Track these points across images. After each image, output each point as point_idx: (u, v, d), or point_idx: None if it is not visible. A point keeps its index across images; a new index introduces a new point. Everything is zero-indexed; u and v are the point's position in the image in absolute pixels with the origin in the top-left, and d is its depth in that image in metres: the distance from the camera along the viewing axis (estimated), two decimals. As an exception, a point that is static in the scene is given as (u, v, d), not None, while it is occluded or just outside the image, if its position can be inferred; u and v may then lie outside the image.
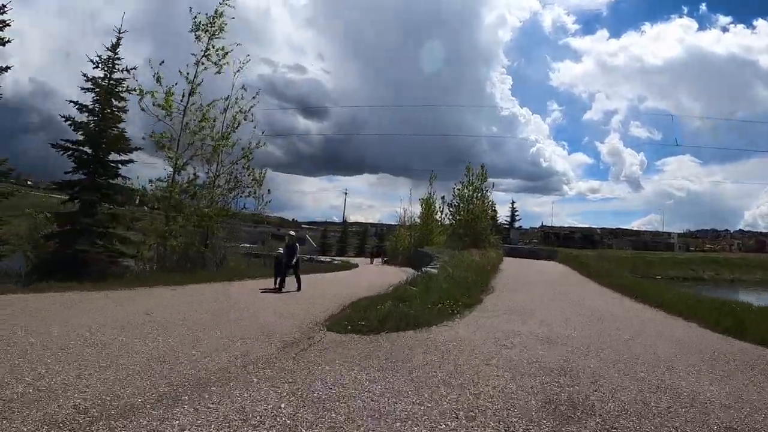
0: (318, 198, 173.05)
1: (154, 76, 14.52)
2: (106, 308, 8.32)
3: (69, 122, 13.25)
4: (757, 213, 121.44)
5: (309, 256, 46.78)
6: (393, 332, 6.94)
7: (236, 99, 16.51)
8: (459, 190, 37.03)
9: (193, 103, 15.42)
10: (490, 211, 35.38)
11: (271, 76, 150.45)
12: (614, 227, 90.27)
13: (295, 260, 13.21)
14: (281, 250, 13.51)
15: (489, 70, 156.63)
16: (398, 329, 7.07)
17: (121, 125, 13.87)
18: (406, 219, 44.52)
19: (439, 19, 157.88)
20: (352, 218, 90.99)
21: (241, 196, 17.34)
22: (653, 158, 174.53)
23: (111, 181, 14.05)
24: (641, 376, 5.31)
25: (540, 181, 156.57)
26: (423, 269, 17.20)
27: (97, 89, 13.51)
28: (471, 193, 35.78)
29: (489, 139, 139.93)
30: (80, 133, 13.31)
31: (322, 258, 44.91)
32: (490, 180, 37.14)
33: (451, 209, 38.40)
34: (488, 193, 35.89)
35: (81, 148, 13.53)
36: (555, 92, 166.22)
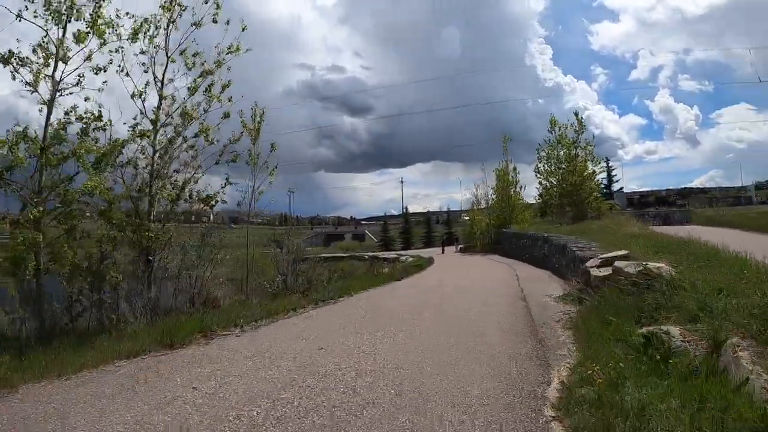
0: (373, 193, 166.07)
1: None
2: None
3: None
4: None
5: (369, 254, 38.40)
6: None
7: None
8: (548, 150, 27.24)
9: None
10: (596, 170, 25.14)
11: (311, 80, 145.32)
12: (678, 187, 79.52)
13: None
14: None
15: (527, 42, 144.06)
16: None
17: None
18: (479, 196, 35.05)
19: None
20: (410, 209, 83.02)
21: (218, 161, 9.16)
22: (707, 111, 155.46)
23: None
24: None
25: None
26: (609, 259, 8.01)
27: None
28: (567, 150, 25.87)
29: (536, 112, 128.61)
30: None
31: (385, 255, 36.41)
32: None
33: (540, 176, 28.67)
34: (590, 148, 25.70)
35: None
36: (597, 56, 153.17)
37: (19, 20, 7.47)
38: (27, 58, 7.42)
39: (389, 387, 4.26)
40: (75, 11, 7.61)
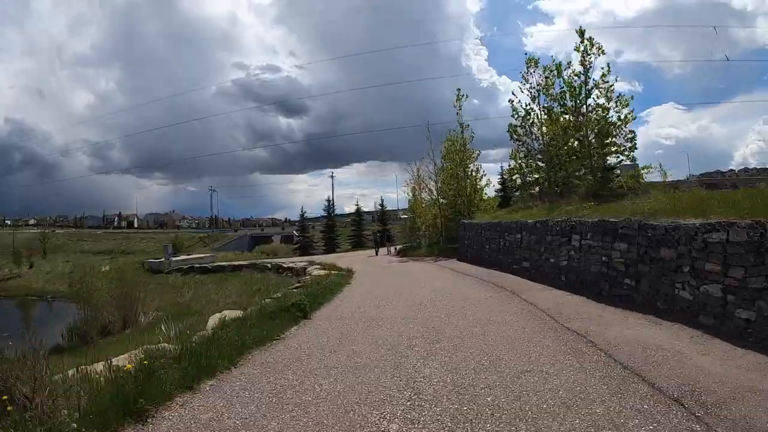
0: (310, 194, 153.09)
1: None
2: None
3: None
4: (747, 152, 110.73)
5: (275, 261, 25.83)
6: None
7: None
8: (545, 84, 16.31)
9: None
10: (626, 116, 14.03)
11: (245, 79, 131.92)
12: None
13: None
14: None
15: (462, 43, 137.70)
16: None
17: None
18: (422, 175, 23.43)
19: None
20: (346, 209, 72.14)
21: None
22: (637, 110, 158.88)
23: None
24: None
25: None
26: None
27: None
28: (571, 89, 14.81)
29: (471, 112, 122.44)
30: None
31: (296, 261, 23.93)
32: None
33: (516, 139, 17.77)
34: (607, 85, 14.61)
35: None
36: (532, 57, 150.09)
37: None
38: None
39: None
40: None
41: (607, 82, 14.45)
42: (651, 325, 4.99)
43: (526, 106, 17.97)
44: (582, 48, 14.76)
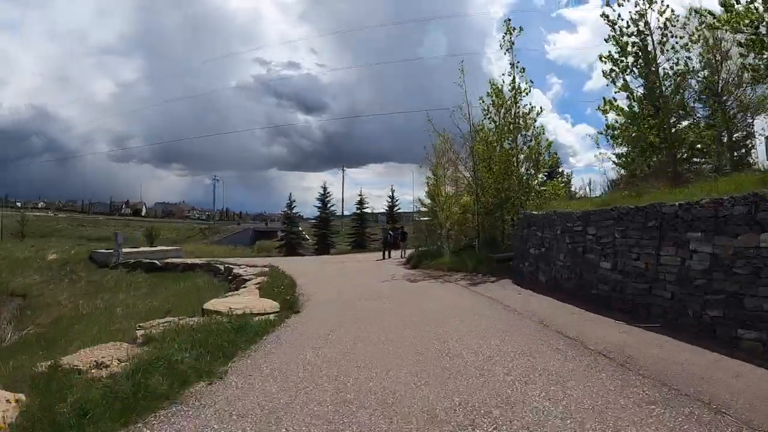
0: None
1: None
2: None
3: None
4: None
5: (232, 262, 17.97)
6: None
7: None
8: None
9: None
10: None
11: (265, 75, 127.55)
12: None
13: None
14: None
15: (484, 48, 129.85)
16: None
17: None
18: (449, 143, 15.01)
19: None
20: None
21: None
22: None
23: None
24: None
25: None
26: None
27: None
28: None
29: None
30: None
31: (256, 264, 16.08)
32: None
33: (622, 70, 9.78)
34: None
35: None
36: (553, 65, 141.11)
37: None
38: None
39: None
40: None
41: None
42: None
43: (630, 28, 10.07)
44: None
